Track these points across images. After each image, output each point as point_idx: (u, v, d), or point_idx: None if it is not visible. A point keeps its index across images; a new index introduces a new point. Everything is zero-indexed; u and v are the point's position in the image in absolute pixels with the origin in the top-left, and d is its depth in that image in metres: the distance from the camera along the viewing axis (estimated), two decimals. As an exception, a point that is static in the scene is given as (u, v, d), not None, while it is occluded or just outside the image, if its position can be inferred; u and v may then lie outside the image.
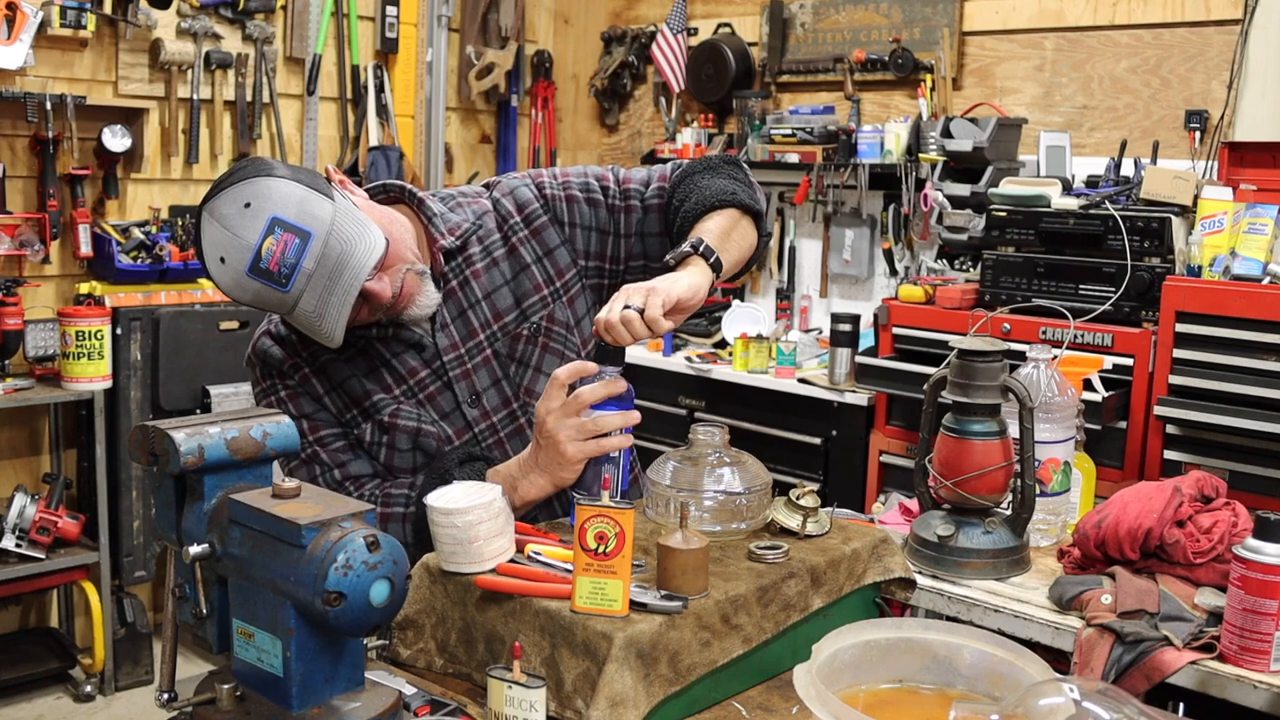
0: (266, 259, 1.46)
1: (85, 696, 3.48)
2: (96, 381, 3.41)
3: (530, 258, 1.72)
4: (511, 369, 1.71)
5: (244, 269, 1.47)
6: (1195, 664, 1.62)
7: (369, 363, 1.68)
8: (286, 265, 1.47)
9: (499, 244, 1.72)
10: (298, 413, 1.68)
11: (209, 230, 1.49)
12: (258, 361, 1.72)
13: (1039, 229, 3.05)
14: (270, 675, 1.17)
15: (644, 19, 4.82)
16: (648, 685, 1.26)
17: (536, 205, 1.73)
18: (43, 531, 3.31)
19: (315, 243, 1.48)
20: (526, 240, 1.72)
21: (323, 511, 1.16)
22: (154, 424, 1.24)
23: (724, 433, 1.57)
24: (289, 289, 1.48)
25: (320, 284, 1.49)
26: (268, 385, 1.70)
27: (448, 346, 1.68)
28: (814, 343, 3.99)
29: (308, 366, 1.69)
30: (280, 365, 1.69)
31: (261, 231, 1.46)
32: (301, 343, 1.69)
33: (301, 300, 1.49)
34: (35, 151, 3.45)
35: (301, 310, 1.50)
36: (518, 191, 1.75)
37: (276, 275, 1.47)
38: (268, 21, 3.94)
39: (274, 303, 1.51)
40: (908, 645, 1.33)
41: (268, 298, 1.50)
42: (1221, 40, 3.30)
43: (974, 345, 1.90)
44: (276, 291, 1.48)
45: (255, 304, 1.52)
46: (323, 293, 1.50)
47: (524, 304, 1.71)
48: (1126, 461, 2.86)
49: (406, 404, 1.67)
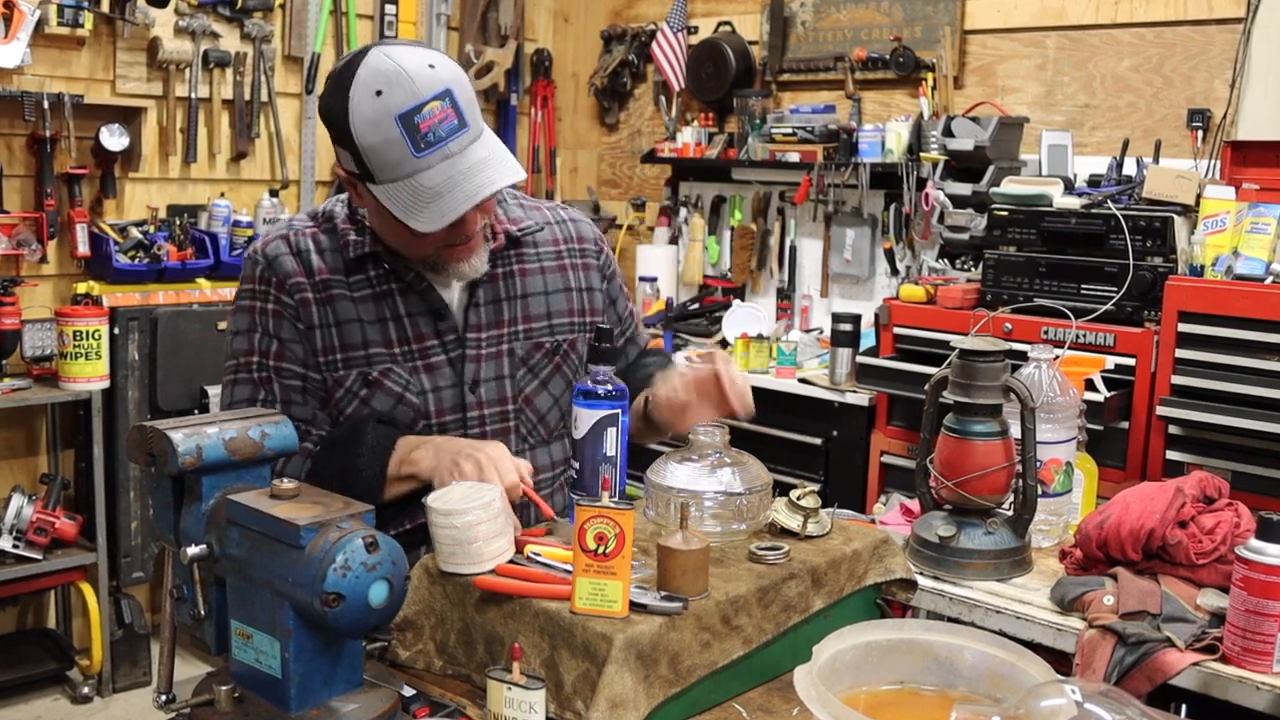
0: (424, 116, 1.43)
1: (83, 698, 3.47)
2: (94, 381, 3.40)
3: (573, 284, 1.78)
4: (520, 373, 1.72)
5: (396, 111, 1.43)
6: (1198, 665, 1.62)
7: (378, 311, 1.64)
8: (435, 135, 1.45)
9: (552, 256, 1.76)
10: (273, 332, 1.63)
11: (377, 62, 1.46)
12: (262, 261, 1.65)
13: (1041, 228, 3.04)
14: (269, 676, 1.17)
15: (644, 17, 4.81)
16: (648, 686, 1.25)
17: (593, 246, 1.82)
18: (40, 532, 3.31)
19: (468, 135, 1.48)
20: (576, 267, 1.79)
21: (321, 512, 1.15)
22: (152, 424, 1.24)
23: (724, 433, 1.57)
24: (422, 155, 1.45)
25: (450, 172, 1.47)
26: (259, 290, 1.64)
27: (474, 325, 1.67)
28: (815, 343, 3.98)
29: (313, 292, 1.63)
30: (284, 278, 1.63)
31: (435, 91, 1.45)
32: (321, 265, 1.63)
33: (422, 175, 1.46)
34: (32, 151, 3.45)
35: (416, 182, 1.47)
36: (582, 225, 1.83)
37: (421, 136, 1.44)
38: (266, 20, 3.93)
39: (393, 158, 1.46)
40: (909, 646, 1.33)
41: (391, 150, 1.45)
42: (1224, 39, 3.30)
43: (975, 345, 1.89)
44: (408, 149, 1.44)
45: (372, 150, 1.46)
46: (446, 182, 1.47)
47: (554, 319, 1.75)
48: (1128, 462, 2.85)
49: (400, 367, 1.64)
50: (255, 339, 1.64)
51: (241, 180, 3.99)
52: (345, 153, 1.52)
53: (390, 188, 1.48)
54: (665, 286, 4.44)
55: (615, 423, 1.55)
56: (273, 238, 1.67)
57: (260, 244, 1.67)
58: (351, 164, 1.52)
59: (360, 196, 1.59)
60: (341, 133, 1.49)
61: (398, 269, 1.64)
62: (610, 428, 1.55)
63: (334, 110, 1.49)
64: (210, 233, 3.77)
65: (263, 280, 1.64)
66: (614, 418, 1.55)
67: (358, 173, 1.52)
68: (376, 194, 1.51)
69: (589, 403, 1.55)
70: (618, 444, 1.55)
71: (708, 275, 4.51)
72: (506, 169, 1.50)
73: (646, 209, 4.81)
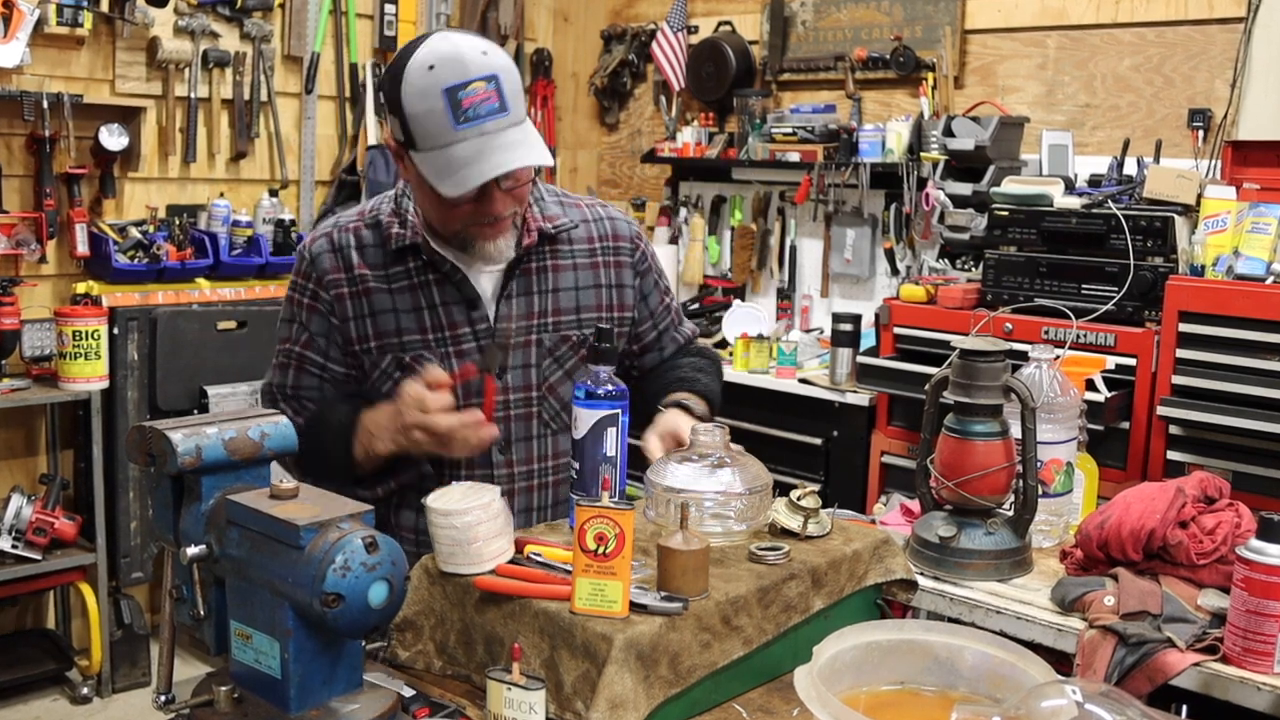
0: (468, 93, 1.55)
1: (82, 698, 3.47)
2: (93, 382, 3.40)
3: (604, 280, 1.84)
4: (546, 363, 1.79)
5: (443, 85, 1.55)
6: (1198, 666, 1.62)
7: (414, 301, 1.74)
8: (475, 112, 1.56)
9: (585, 253, 1.83)
10: (305, 323, 1.77)
11: (437, 43, 1.59)
12: (307, 258, 1.78)
13: (1041, 228, 3.04)
14: (268, 677, 1.17)
15: (644, 17, 4.81)
16: (648, 687, 1.25)
17: (628, 244, 1.88)
18: (39, 532, 3.30)
19: (507, 119, 1.58)
20: (609, 265, 1.85)
21: (321, 512, 1.15)
22: (151, 424, 1.24)
23: (724, 433, 1.57)
24: (460, 128, 1.55)
25: (482, 147, 1.57)
26: (300, 284, 1.78)
27: (506, 315, 1.75)
28: (815, 343, 3.98)
29: (348, 287, 1.74)
30: (322, 274, 1.75)
31: (482, 73, 1.56)
32: (359, 261, 1.74)
33: (457, 146, 1.57)
34: (32, 150, 3.44)
35: (450, 151, 1.57)
36: (619, 223, 1.89)
37: (462, 111, 1.55)
38: (265, 20, 3.93)
39: (433, 127, 1.56)
40: (909, 647, 1.33)
41: (433, 119, 1.56)
42: (1225, 38, 3.30)
43: (976, 345, 1.89)
44: (448, 119, 1.55)
45: (416, 118, 1.57)
46: (476, 154, 1.57)
47: (583, 314, 1.81)
48: (1129, 462, 2.85)
49: (432, 352, 1.73)
50: (293, 328, 1.78)
51: (241, 180, 3.99)
52: (395, 120, 1.62)
53: (428, 155, 1.59)
54: (665, 286, 4.43)
55: (615, 423, 1.55)
56: (319, 235, 1.79)
57: (309, 239, 1.80)
58: (399, 131, 1.62)
59: (405, 168, 1.68)
60: (393, 100, 1.61)
61: (435, 260, 1.73)
62: (610, 428, 1.54)
63: (391, 78, 1.61)
64: (210, 233, 3.76)
65: (305, 275, 1.78)
66: (614, 418, 1.55)
67: (403, 140, 1.63)
68: (416, 160, 1.61)
69: (589, 403, 1.55)
70: (618, 444, 1.55)
71: (708, 275, 4.50)
72: (534, 152, 1.61)
73: (646, 209, 4.81)
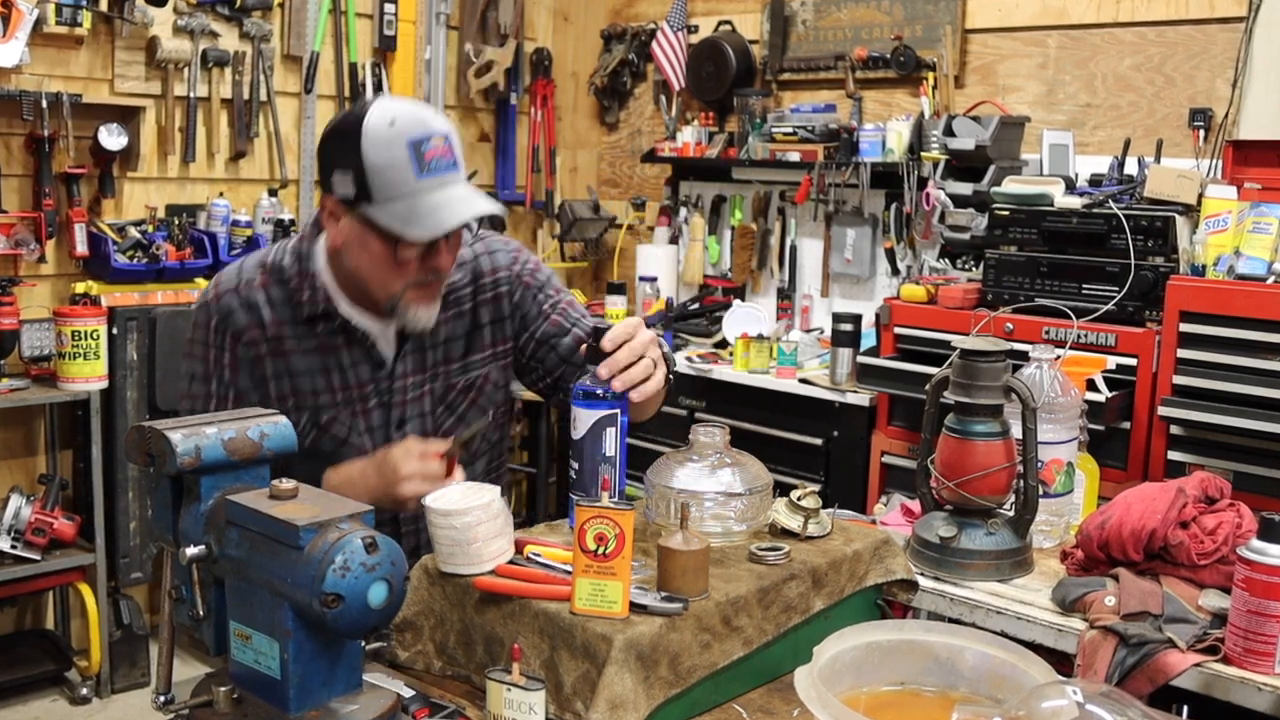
0: (430, 146, 1.62)
1: (81, 699, 3.46)
2: (92, 382, 3.39)
3: (486, 319, 1.86)
4: (439, 410, 1.83)
5: (407, 138, 1.60)
6: (1199, 666, 1.61)
7: (324, 363, 1.76)
8: (438, 164, 1.63)
9: (467, 298, 1.85)
10: (229, 380, 1.75)
11: (391, 103, 1.65)
12: (216, 314, 1.75)
13: (1042, 228, 3.04)
14: (267, 677, 1.16)
15: (644, 16, 4.81)
16: (648, 687, 1.25)
17: (505, 273, 1.88)
18: (38, 533, 3.30)
19: (458, 175, 1.67)
20: (488, 302, 1.87)
21: (320, 513, 1.15)
22: (150, 424, 1.23)
23: (725, 433, 1.57)
24: (423, 178, 1.61)
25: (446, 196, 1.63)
26: (215, 341, 1.75)
27: (403, 373, 1.80)
28: (815, 343, 3.97)
29: (265, 347, 1.74)
30: (238, 331, 1.74)
31: (439, 130, 1.64)
32: (272, 318, 1.74)
33: (422, 195, 1.62)
34: (31, 150, 3.44)
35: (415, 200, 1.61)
36: (497, 255, 1.89)
37: (426, 162, 1.61)
38: (265, 19, 3.92)
39: (397, 177, 1.61)
40: (909, 647, 1.33)
41: (398, 172, 1.60)
42: (1226, 38, 3.29)
43: (976, 345, 1.89)
44: (412, 169, 1.61)
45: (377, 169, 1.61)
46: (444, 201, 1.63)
47: (469, 358, 1.85)
48: (1130, 462, 2.84)
49: (343, 412, 1.77)
50: (213, 386, 1.75)
51: (240, 180, 3.98)
52: (344, 176, 1.63)
53: (388, 205, 1.61)
54: (665, 286, 4.43)
55: (614, 423, 1.55)
56: (224, 291, 1.76)
57: (213, 295, 1.77)
58: (348, 187, 1.63)
59: (339, 232, 1.69)
60: (348, 154, 1.62)
61: (345, 325, 1.76)
62: (609, 428, 1.54)
63: (344, 134, 1.63)
64: (209, 232, 3.76)
65: (217, 331, 1.75)
66: (613, 418, 1.54)
67: (353, 195, 1.63)
68: (373, 214, 1.62)
69: (588, 403, 1.54)
70: (616, 444, 1.55)
71: (708, 275, 4.50)
72: (489, 203, 1.68)
73: (646, 208, 4.81)
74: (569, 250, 4.90)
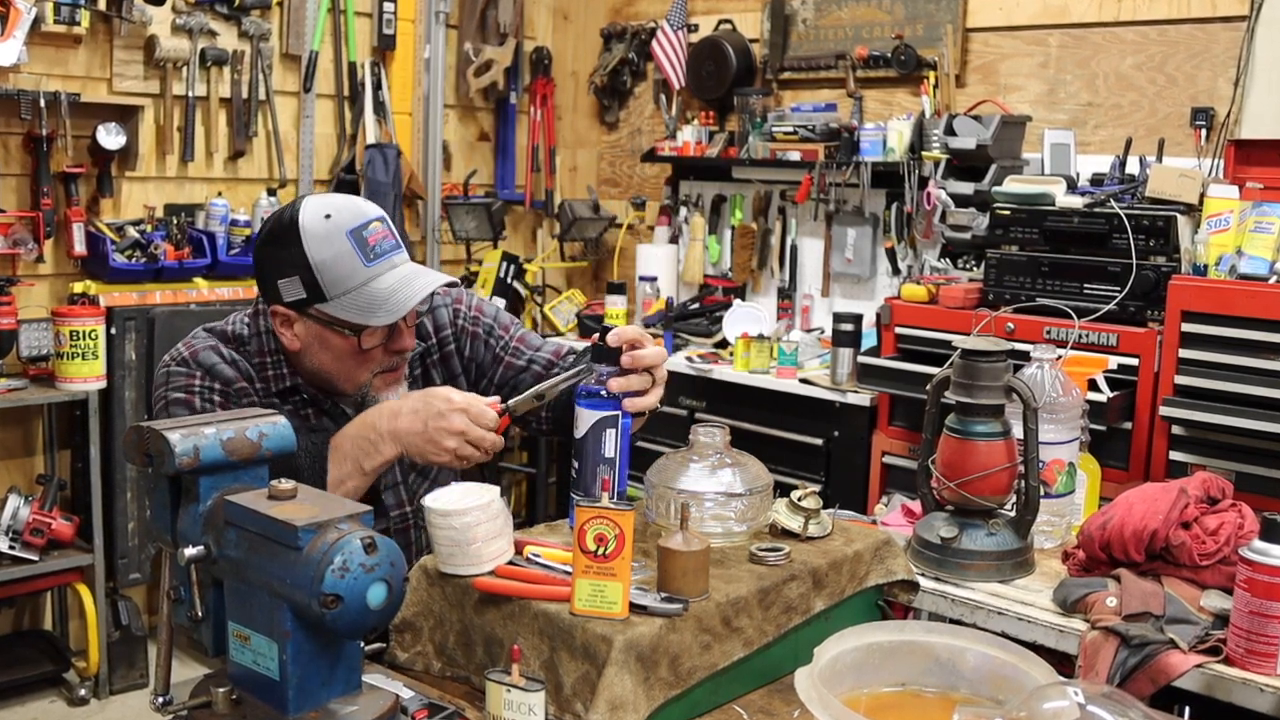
0: (370, 232, 1.64)
1: (79, 700, 3.46)
2: (91, 382, 3.38)
3: (438, 379, 1.85)
4: (411, 478, 1.82)
5: (346, 229, 1.62)
6: (1201, 667, 1.61)
7: (302, 424, 1.74)
8: (382, 248, 1.65)
9: (417, 364, 1.85)
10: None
11: (319, 199, 1.67)
12: (199, 368, 1.71)
13: (1043, 228, 3.03)
14: (266, 678, 1.16)
15: (644, 15, 4.80)
16: (648, 688, 1.25)
17: (449, 331, 1.88)
18: (36, 533, 3.29)
19: (403, 254, 1.69)
20: (437, 364, 1.87)
21: (319, 513, 1.15)
22: (149, 425, 1.23)
23: (725, 434, 1.56)
24: (371, 265, 1.63)
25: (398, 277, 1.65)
26: (203, 387, 1.71)
27: None
28: (816, 342, 3.97)
29: (255, 398, 1.73)
30: (226, 381, 1.72)
31: (374, 214, 1.67)
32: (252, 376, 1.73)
33: (375, 281, 1.63)
34: (29, 149, 3.43)
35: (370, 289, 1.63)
36: (437, 313, 1.88)
37: (370, 249, 1.64)
38: (264, 18, 3.92)
39: (345, 270, 1.62)
40: (910, 648, 1.33)
41: (344, 263, 1.62)
42: (1228, 37, 3.28)
43: (977, 345, 1.89)
44: (359, 260, 1.62)
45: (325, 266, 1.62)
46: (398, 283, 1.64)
47: None
48: (1132, 462, 2.84)
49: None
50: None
51: (239, 179, 3.98)
52: (290, 281, 1.64)
53: (343, 299, 1.63)
54: (665, 286, 4.42)
55: (615, 424, 1.55)
56: (199, 348, 1.74)
57: (187, 354, 1.73)
58: (298, 290, 1.64)
59: (295, 336, 1.68)
60: (290, 257, 1.63)
61: (315, 398, 1.76)
62: (609, 429, 1.54)
63: (281, 239, 1.64)
64: (208, 232, 3.75)
65: (203, 380, 1.71)
66: (613, 419, 1.54)
67: (305, 298, 1.64)
68: (328, 310, 1.64)
69: (589, 403, 1.54)
70: (617, 445, 1.55)
71: (708, 275, 4.49)
72: (441, 276, 1.71)
73: (646, 208, 4.80)
74: (569, 250, 4.89)
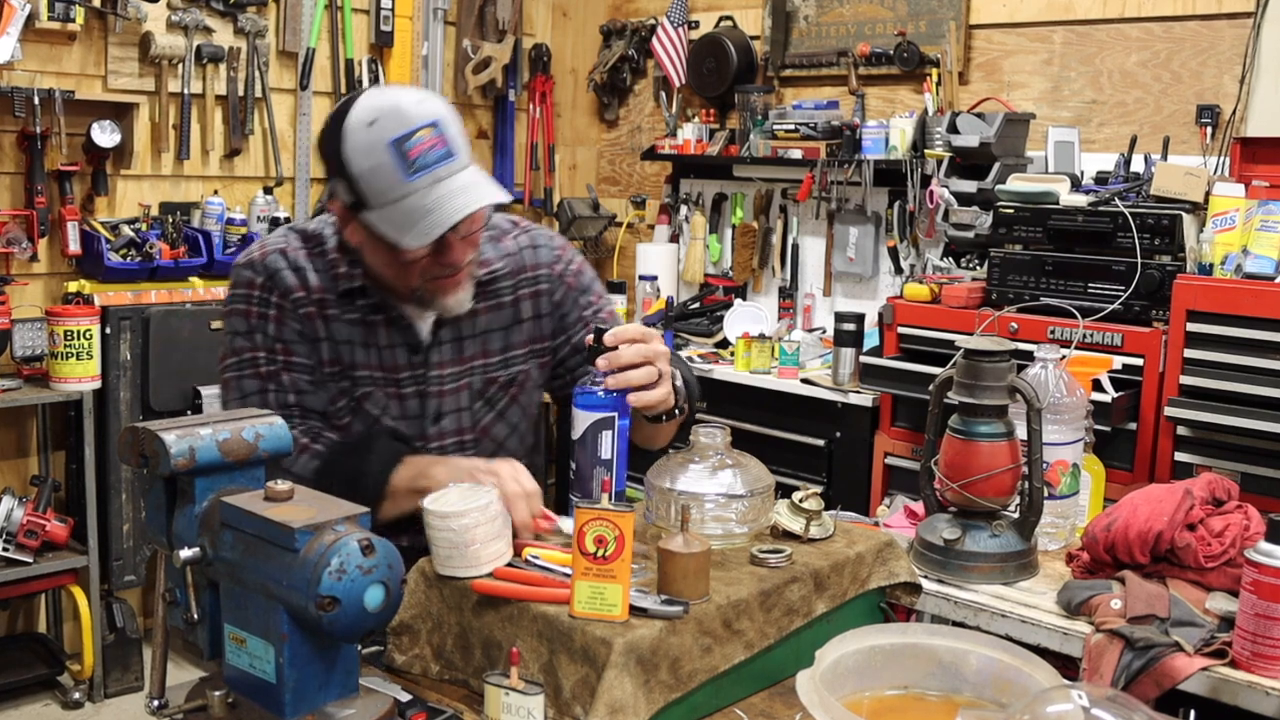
0: (415, 142, 1.53)
1: (74, 703, 3.44)
2: (85, 382, 3.37)
3: (528, 314, 1.82)
4: (477, 405, 1.79)
5: (387, 138, 1.52)
6: (1207, 670, 1.61)
7: (364, 336, 1.72)
8: (424, 160, 1.54)
9: (508, 290, 1.80)
10: (275, 335, 1.70)
11: (371, 98, 1.57)
12: (262, 273, 1.71)
13: (1047, 226, 3.02)
14: (262, 682, 1.16)
15: (644, 12, 4.79)
16: (648, 692, 1.24)
17: (545, 271, 1.84)
18: (30, 535, 3.27)
19: (456, 163, 1.56)
20: (530, 297, 1.82)
21: (316, 515, 1.15)
22: (144, 425, 1.24)
23: (726, 434, 1.56)
24: (411, 179, 1.53)
25: (439, 193, 1.55)
26: (260, 298, 1.70)
27: (438, 363, 1.76)
28: (817, 342, 3.96)
29: (313, 307, 1.70)
30: (286, 291, 1.70)
31: (424, 120, 1.54)
32: (318, 284, 1.71)
33: (412, 197, 1.54)
34: (22, 147, 3.41)
35: (406, 204, 1.54)
36: (540, 251, 1.84)
37: (411, 161, 1.53)
38: (260, 15, 3.90)
39: (384, 183, 1.54)
40: (913, 651, 1.33)
41: (383, 175, 1.53)
42: (1233, 34, 3.27)
43: (981, 345, 1.88)
44: (399, 173, 1.53)
45: (364, 177, 1.55)
46: (435, 201, 1.55)
47: (509, 353, 1.81)
48: (1136, 463, 2.83)
49: (380, 391, 1.73)
50: (258, 338, 1.71)
51: (235, 177, 3.96)
52: (340, 184, 1.60)
53: (382, 212, 1.56)
54: (666, 285, 4.41)
55: (610, 426, 1.55)
56: (270, 250, 1.73)
57: (257, 255, 1.73)
58: (346, 194, 1.59)
59: (353, 233, 1.65)
60: (337, 164, 1.58)
61: (383, 302, 1.72)
62: (605, 430, 1.54)
63: (329, 143, 1.59)
64: (203, 230, 3.74)
65: (264, 289, 1.71)
66: (609, 421, 1.55)
67: (351, 202, 1.59)
68: (369, 220, 1.58)
69: (585, 404, 1.54)
70: (614, 448, 1.55)
71: (709, 274, 4.48)
72: (490, 192, 1.60)
73: (647, 206, 4.79)
74: (568, 248, 4.88)
